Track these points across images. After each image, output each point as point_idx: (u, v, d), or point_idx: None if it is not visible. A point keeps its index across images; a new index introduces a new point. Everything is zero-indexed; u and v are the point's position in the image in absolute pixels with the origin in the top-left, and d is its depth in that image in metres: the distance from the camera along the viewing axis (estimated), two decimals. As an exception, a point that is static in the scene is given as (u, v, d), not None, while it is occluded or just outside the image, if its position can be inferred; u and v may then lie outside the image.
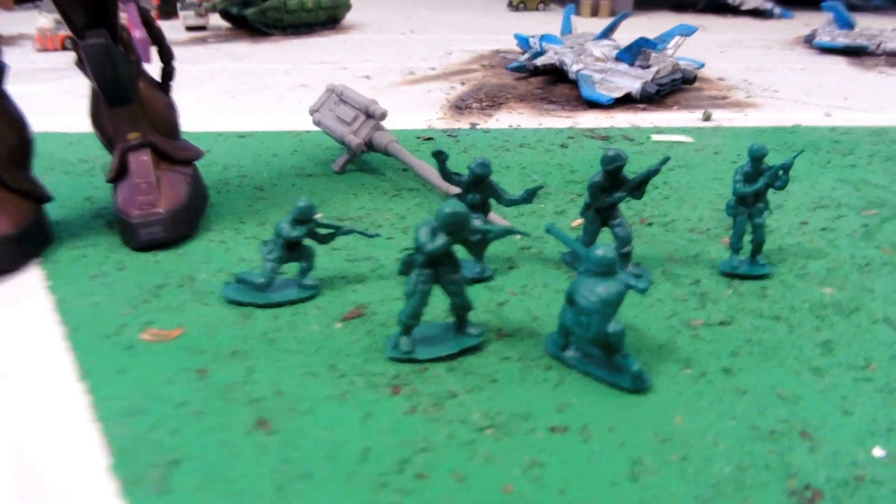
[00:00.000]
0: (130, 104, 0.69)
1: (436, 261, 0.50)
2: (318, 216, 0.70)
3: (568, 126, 1.15)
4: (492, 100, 1.32)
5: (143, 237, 0.68)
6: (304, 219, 0.59)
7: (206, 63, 1.69)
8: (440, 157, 0.61)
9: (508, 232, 0.51)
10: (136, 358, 0.52)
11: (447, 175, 0.62)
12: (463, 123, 1.16)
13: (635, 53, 1.36)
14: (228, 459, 0.42)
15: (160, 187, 0.70)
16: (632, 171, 0.63)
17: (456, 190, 0.75)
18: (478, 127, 1.14)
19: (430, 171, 0.81)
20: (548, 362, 0.51)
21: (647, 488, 0.40)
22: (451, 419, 0.45)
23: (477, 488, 0.39)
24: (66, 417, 0.46)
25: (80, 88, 1.22)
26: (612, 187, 0.62)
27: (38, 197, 0.70)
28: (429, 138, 1.07)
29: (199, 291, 0.61)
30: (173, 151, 0.73)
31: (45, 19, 1.81)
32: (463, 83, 1.47)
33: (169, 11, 2.43)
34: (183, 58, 1.74)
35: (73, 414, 0.46)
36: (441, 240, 0.48)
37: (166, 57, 0.75)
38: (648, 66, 1.36)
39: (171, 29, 2.24)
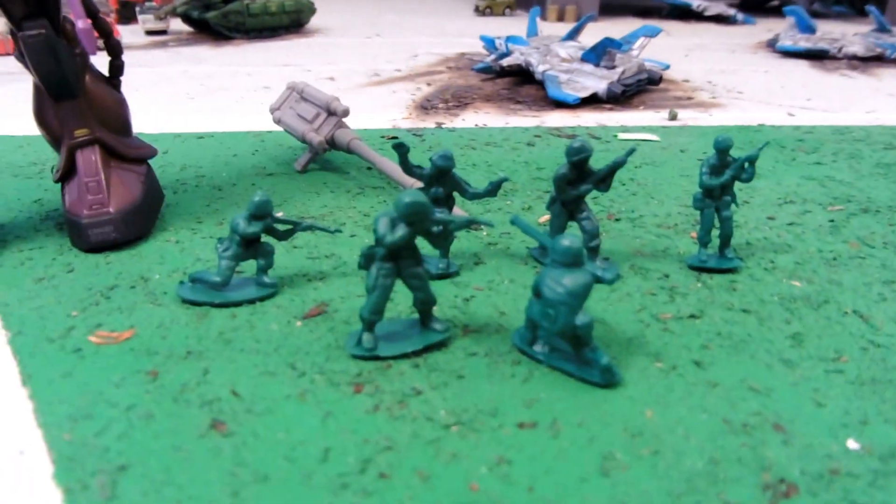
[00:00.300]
0: (75, 98, 0.66)
1: (397, 254, 0.48)
2: (280, 214, 0.68)
3: (535, 125, 1.14)
4: (458, 100, 1.31)
5: (92, 238, 0.65)
6: (260, 214, 0.57)
7: (164, 66, 1.65)
8: (401, 149, 0.59)
9: (471, 222, 0.50)
10: (84, 361, 0.49)
11: (408, 168, 0.60)
12: (428, 123, 1.15)
13: (601, 54, 1.36)
14: (180, 464, 0.39)
15: (111, 186, 0.67)
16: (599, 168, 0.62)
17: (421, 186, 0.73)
18: (443, 126, 1.12)
19: (394, 168, 0.80)
20: (515, 357, 0.49)
21: (618, 484, 0.38)
22: (415, 417, 0.43)
23: (442, 487, 0.38)
24: (7, 424, 0.43)
25: (30, 90, 1.18)
26: (578, 180, 0.61)
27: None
28: (393, 137, 1.05)
29: (153, 292, 0.59)
30: (125, 149, 0.70)
31: (-3, 21, 1.76)
32: (429, 84, 1.45)
33: (128, 16, 2.38)
34: (141, 61, 1.71)
35: (13, 420, 0.43)
36: (401, 231, 0.46)
37: (114, 51, 0.72)
38: (614, 67, 1.36)
39: (130, 33, 2.20)
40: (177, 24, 2.28)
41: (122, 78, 0.73)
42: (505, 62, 1.45)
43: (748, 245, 0.69)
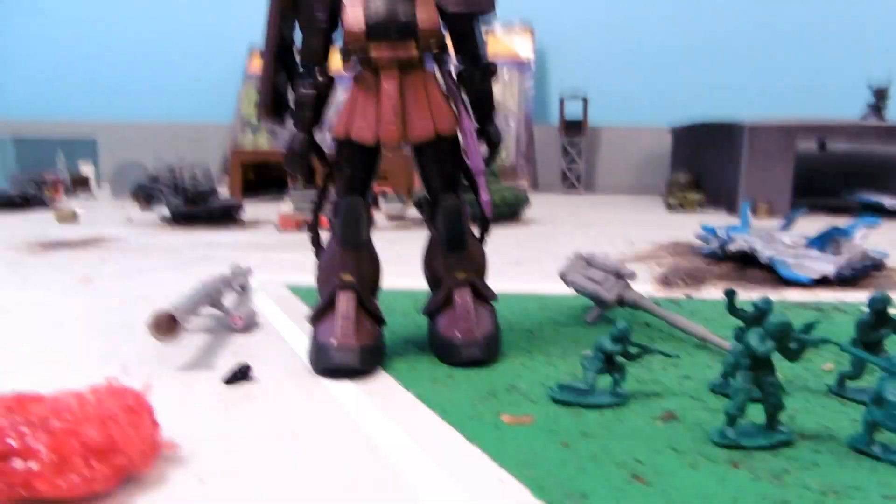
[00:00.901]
0: (464, 251, 0.89)
1: (758, 364, 0.63)
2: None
3: (777, 299, 1.27)
4: (692, 278, 1.47)
5: (464, 355, 0.85)
6: (621, 337, 0.74)
7: (417, 242, 1.95)
8: (730, 294, 0.75)
9: (823, 341, 0.64)
10: (506, 434, 0.66)
11: (734, 310, 0.76)
12: (677, 294, 1.31)
13: (826, 241, 1.49)
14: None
15: (477, 317, 0.88)
16: (846, 332, 0.75)
17: (721, 342, 0.88)
18: (693, 297, 1.28)
19: (686, 322, 0.95)
20: (856, 455, 0.61)
21: None
22: (793, 485, 0.56)
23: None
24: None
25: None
26: (878, 325, 0.74)
27: (380, 320, 0.90)
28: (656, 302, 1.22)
29: (526, 394, 0.76)
30: (484, 290, 0.92)
31: (286, 206, 2.17)
32: (659, 265, 1.63)
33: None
34: (391, 238, 2.03)
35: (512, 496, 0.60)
36: (768, 344, 0.61)
37: (486, 219, 0.96)
38: (840, 253, 1.48)
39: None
40: (411, 211, 2.66)
41: (487, 236, 0.96)
42: (730, 248, 1.62)
43: None
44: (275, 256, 1.73)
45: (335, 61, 0.86)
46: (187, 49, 4.36)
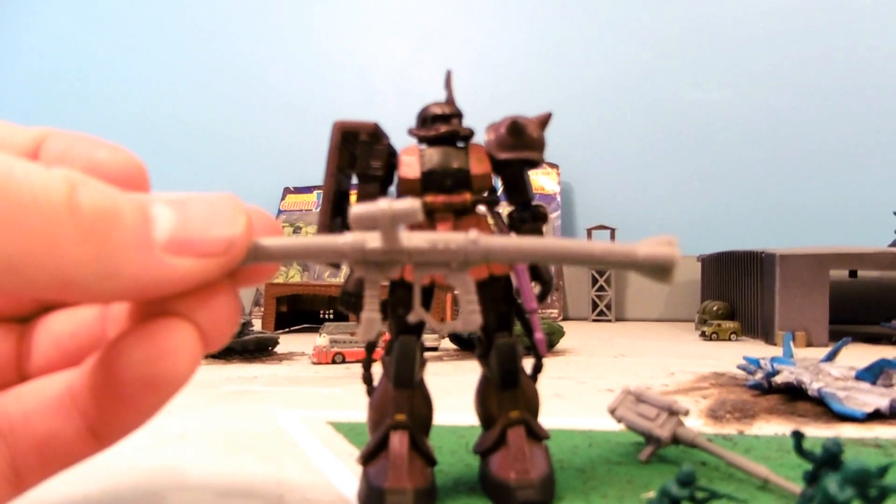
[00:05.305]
0: (517, 388, 0.88)
1: (837, 510, 0.60)
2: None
3: (834, 435, 1.23)
4: (741, 411, 1.43)
5: (520, 497, 0.83)
6: (688, 481, 0.72)
7: (453, 375, 1.94)
8: (798, 436, 0.73)
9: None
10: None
11: (803, 452, 0.74)
12: (728, 430, 1.27)
13: (877, 373, 1.46)
14: None
15: (531, 457, 0.86)
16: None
17: (787, 485, 0.85)
18: (745, 433, 1.24)
19: (745, 462, 0.92)
20: None
21: None
22: None
23: None
24: None
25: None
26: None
27: (432, 461, 0.88)
28: (709, 439, 1.18)
29: (590, 543, 0.73)
30: (538, 430, 0.90)
31: (322, 339, 2.18)
32: (704, 398, 1.60)
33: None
34: (436, 370, 2.01)
35: None
36: (848, 492, 0.59)
37: (539, 356, 0.95)
38: (892, 385, 1.44)
39: (406, 349, 2.58)
40: (444, 342, 2.66)
41: (539, 375, 0.95)
42: (777, 380, 1.58)
43: None
44: (312, 391, 1.73)
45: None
46: (225, 188, 4.54)
